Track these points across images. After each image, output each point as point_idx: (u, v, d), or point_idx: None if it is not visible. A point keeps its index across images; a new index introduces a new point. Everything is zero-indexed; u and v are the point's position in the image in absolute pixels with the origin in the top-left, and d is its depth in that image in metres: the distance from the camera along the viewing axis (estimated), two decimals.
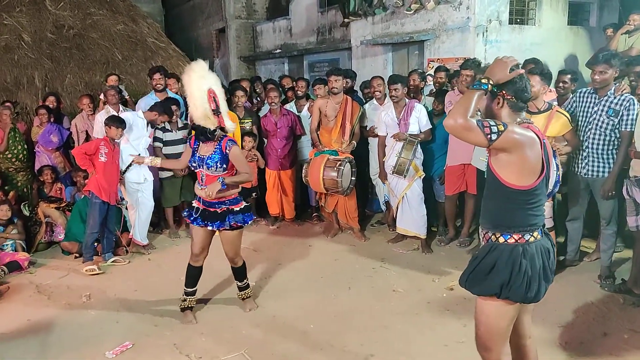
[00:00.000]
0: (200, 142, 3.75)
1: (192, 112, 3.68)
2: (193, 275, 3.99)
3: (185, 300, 4.01)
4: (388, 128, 5.30)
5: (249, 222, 3.91)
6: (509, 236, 2.39)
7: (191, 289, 4.01)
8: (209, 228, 3.78)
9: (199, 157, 3.73)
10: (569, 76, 4.93)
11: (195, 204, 3.86)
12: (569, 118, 4.19)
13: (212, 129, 3.64)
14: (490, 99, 2.46)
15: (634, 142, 4.06)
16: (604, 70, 4.12)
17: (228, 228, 3.77)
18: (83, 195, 5.08)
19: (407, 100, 5.27)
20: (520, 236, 2.38)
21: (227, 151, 3.68)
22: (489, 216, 2.48)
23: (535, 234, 2.41)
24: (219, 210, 3.77)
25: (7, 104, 6.55)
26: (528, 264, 2.36)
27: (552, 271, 2.48)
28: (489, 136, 2.23)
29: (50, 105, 6.72)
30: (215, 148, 3.70)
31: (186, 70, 3.65)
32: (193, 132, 3.85)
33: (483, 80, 2.34)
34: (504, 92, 2.40)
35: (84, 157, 5.04)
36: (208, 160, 3.67)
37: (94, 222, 5.05)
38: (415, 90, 5.80)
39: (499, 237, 2.42)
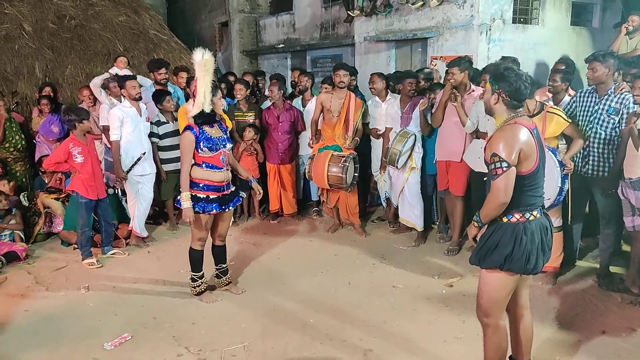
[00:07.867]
0: (206, 127, 3.92)
1: (200, 99, 3.79)
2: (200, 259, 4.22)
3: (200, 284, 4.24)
4: (392, 121, 5.36)
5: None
6: (512, 216, 2.65)
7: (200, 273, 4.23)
8: (231, 207, 4.11)
9: (215, 139, 3.93)
10: (560, 75, 4.69)
11: (212, 195, 3.95)
12: (563, 115, 4.09)
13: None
14: (489, 94, 2.73)
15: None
16: (594, 68, 4.17)
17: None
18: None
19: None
20: (521, 215, 2.64)
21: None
22: None
23: (535, 212, 2.67)
24: (232, 190, 4.14)
25: None
26: (528, 239, 2.62)
27: (550, 247, 2.76)
28: (503, 170, 2.52)
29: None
30: (221, 129, 4.05)
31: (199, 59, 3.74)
32: (192, 123, 3.91)
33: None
34: (500, 90, 2.66)
35: (58, 165, 4.93)
36: (226, 141, 4.01)
37: (84, 221, 4.95)
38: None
39: (502, 217, 2.66)
